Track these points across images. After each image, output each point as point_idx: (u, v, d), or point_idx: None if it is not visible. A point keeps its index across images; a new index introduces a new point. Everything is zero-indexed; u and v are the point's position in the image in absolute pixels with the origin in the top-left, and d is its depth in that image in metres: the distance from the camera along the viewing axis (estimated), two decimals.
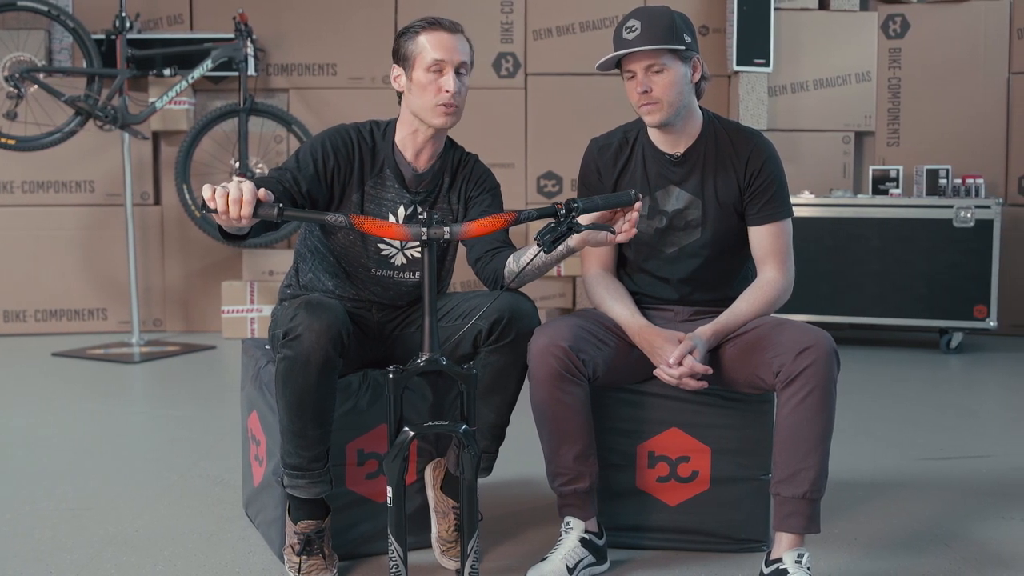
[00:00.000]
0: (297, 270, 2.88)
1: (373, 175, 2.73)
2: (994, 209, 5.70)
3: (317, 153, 2.67)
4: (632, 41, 2.66)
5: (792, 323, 2.66)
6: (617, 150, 2.87)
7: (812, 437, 2.53)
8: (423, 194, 2.76)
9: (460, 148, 2.84)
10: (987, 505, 3.27)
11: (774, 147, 2.84)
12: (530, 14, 6.51)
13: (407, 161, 2.74)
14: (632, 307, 2.80)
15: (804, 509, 2.55)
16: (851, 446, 3.90)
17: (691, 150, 2.80)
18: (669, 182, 2.82)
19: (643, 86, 2.69)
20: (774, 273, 2.78)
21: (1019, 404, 4.87)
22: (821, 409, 2.52)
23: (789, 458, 2.55)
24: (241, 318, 6.22)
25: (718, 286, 2.88)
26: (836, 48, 6.54)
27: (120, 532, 3.00)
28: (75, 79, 6.04)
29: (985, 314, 5.72)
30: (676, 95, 2.71)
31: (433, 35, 2.64)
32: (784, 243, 2.80)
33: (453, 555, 2.73)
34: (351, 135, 2.73)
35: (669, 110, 2.71)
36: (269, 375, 2.78)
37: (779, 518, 2.57)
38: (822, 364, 2.51)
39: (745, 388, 2.74)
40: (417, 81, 2.64)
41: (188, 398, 4.79)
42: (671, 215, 2.82)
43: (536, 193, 6.52)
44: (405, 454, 2.23)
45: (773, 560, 2.57)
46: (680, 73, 2.70)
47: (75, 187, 6.38)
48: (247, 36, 6.06)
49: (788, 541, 2.57)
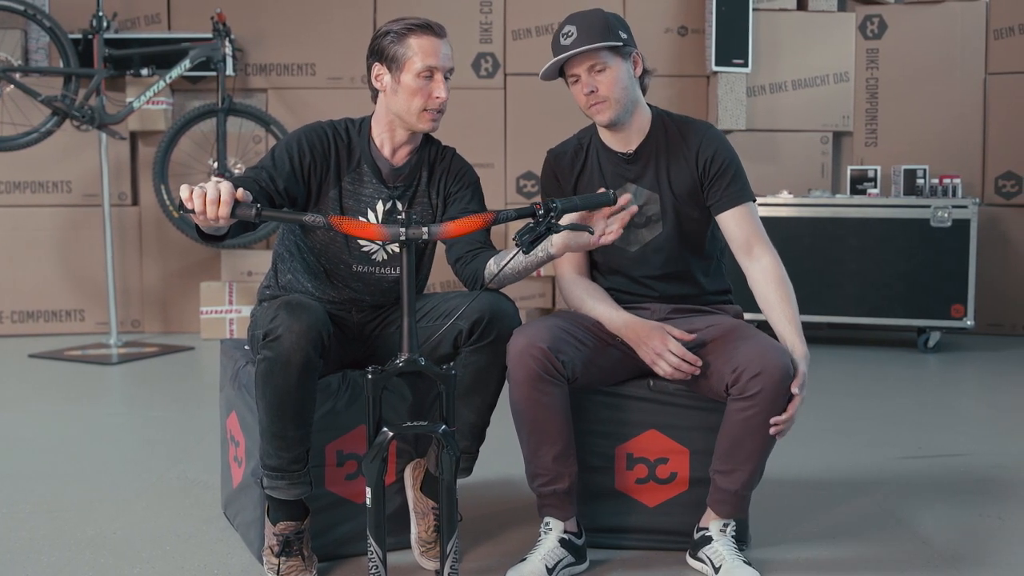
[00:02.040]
0: (276, 271, 2.87)
1: (350, 171, 2.72)
2: (971, 209, 5.74)
3: (293, 150, 2.66)
4: (570, 45, 2.70)
5: (755, 337, 2.66)
6: (572, 156, 2.91)
7: (753, 448, 2.62)
8: (401, 188, 2.75)
9: (437, 142, 2.84)
10: (964, 503, 3.29)
11: (723, 135, 2.88)
12: (509, 14, 6.51)
13: (384, 156, 2.74)
14: (613, 304, 2.80)
15: (734, 501, 2.70)
16: (829, 444, 3.92)
17: (643, 146, 2.84)
18: (626, 180, 2.85)
19: (588, 86, 2.73)
20: (767, 257, 2.76)
21: (996, 403, 4.90)
22: (765, 427, 2.58)
23: (729, 458, 2.66)
24: (220, 319, 6.19)
25: (690, 279, 2.89)
26: (814, 49, 6.57)
27: (98, 534, 2.98)
28: (52, 79, 6.00)
29: (962, 313, 5.76)
30: (622, 91, 2.75)
31: (425, 40, 2.63)
32: (757, 224, 2.81)
33: (433, 556, 2.73)
34: (327, 132, 2.72)
35: (617, 106, 2.75)
36: (248, 376, 2.77)
37: (712, 499, 2.73)
38: (775, 390, 2.54)
39: (702, 392, 2.76)
40: (406, 85, 2.63)
41: (166, 399, 4.77)
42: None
43: (516, 193, 6.53)
44: (384, 455, 2.23)
45: (701, 527, 2.76)
46: (622, 69, 2.75)
47: (52, 187, 6.35)
48: (225, 36, 6.04)
49: (715, 515, 2.74)
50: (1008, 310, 6.43)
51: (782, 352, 2.59)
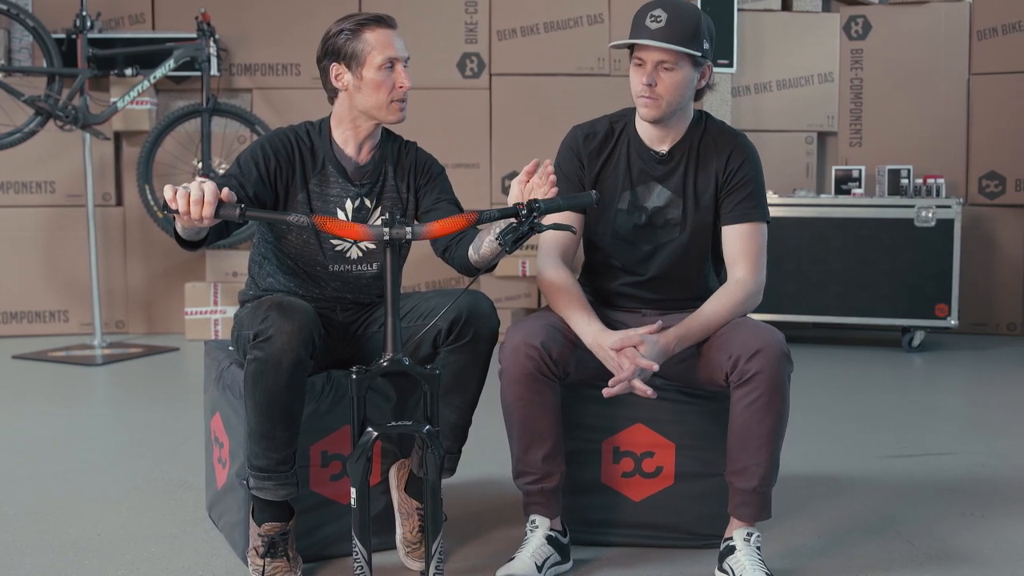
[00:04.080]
0: (253, 277, 2.86)
1: (316, 173, 2.72)
2: (955, 209, 5.76)
3: (258, 156, 2.67)
4: (654, 32, 2.60)
5: (745, 322, 2.67)
6: (603, 141, 2.82)
7: (763, 435, 2.58)
8: (368, 185, 2.76)
9: (398, 137, 2.85)
10: (948, 501, 3.30)
11: (756, 150, 2.82)
12: (495, 14, 6.51)
13: (347, 155, 2.74)
14: (589, 312, 2.70)
15: (755, 500, 2.65)
16: (814, 443, 3.93)
17: (676, 148, 2.78)
18: (651, 178, 2.80)
19: (649, 79, 2.65)
20: (743, 274, 2.73)
21: (980, 402, 4.93)
22: (772, 410, 2.56)
23: (741, 453, 2.62)
24: (204, 319, 6.18)
25: (689, 285, 2.86)
26: (799, 49, 6.59)
27: (82, 536, 2.97)
28: (35, 79, 5.98)
29: (946, 313, 5.78)
30: (678, 97, 2.68)
31: (380, 33, 2.63)
32: (757, 245, 2.76)
33: (418, 556, 2.73)
34: (289, 136, 2.73)
35: (667, 109, 2.69)
36: (232, 377, 2.76)
37: (733, 505, 2.68)
38: (773, 367, 2.53)
39: (701, 385, 2.76)
40: (369, 80, 2.63)
41: (151, 400, 4.76)
42: (651, 212, 2.80)
43: (501, 193, 6.52)
44: (369, 455, 2.23)
45: (726, 538, 2.69)
46: (688, 77, 2.67)
47: (36, 188, 6.32)
48: (210, 36, 6.02)
49: (739, 523, 2.68)
50: (992, 309, 6.47)
51: (776, 332, 2.58)
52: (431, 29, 6.38)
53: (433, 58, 6.36)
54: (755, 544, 2.65)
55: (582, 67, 6.36)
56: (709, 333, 2.67)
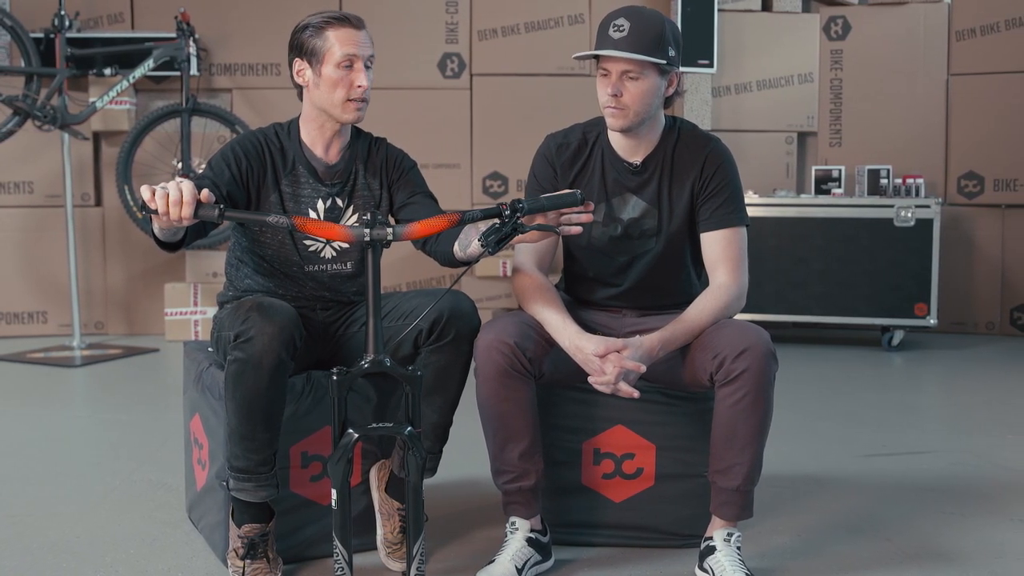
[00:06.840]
0: (231, 279, 2.85)
1: (287, 174, 2.72)
2: (934, 209, 5.79)
3: (229, 158, 2.66)
4: (616, 42, 2.59)
5: (730, 322, 2.67)
6: (576, 151, 2.81)
7: (747, 435, 2.58)
8: (339, 185, 2.75)
9: (368, 134, 2.84)
10: (927, 500, 3.31)
11: (731, 154, 2.80)
12: (475, 14, 6.50)
13: (317, 156, 2.74)
14: (564, 314, 2.68)
15: (737, 499, 2.65)
16: (794, 443, 3.94)
17: (650, 158, 2.77)
18: (626, 190, 2.78)
19: (615, 89, 2.63)
20: (725, 278, 2.72)
21: (959, 401, 4.95)
22: (756, 409, 2.56)
23: (725, 452, 2.62)
24: (184, 320, 6.15)
25: (668, 292, 2.86)
26: (779, 50, 6.61)
27: (61, 538, 2.95)
28: (13, 78, 5.93)
29: (926, 312, 5.81)
30: (645, 106, 2.66)
31: (342, 31, 2.63)
32: (737, 250, 2.74)
33: (399, 557, 2.72)
34: (258, 138, 2.73)
35: (634, 119, 2.67)
36: (211, 378, 2.75)
37: (715, 504, 2.68)
38: (759, 367, 2.53)
39: (687, 387, 2.76)
40: (327, 77, 2.63)
41: (130, 402, 4.73)
42: (626, 223, 2.79)
43: (482, 194, 6.52)
44: (349, 456, 2.22)
45: (707, 537, 2.69)
46: (654, 85, 2.65)
47: (14, 188, 6.28)
48: (189, 35, 6.00)
49: (721, 522, 2.68)
50: (971, 309, 6.50)
51: (761, 332, 2.58)
52: (411, 29, 6.37)
53: (414, 58, 6.35)
54: (735, 544, 2.66)
55: (563, 67, 6.36)
56: (693, 338, 2.67)
